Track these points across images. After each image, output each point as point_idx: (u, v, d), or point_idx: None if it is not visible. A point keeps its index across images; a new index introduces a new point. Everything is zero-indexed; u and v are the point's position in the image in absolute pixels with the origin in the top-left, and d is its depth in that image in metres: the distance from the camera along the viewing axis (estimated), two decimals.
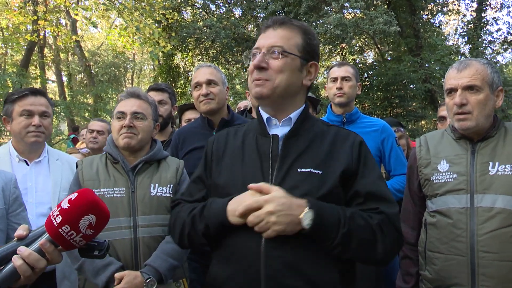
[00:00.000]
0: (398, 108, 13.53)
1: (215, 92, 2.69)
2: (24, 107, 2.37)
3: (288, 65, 1.49)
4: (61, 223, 1.15)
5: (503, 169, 1.85)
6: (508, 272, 1.78)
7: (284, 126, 1.56)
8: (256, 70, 1.50)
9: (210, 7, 15.68)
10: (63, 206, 1.17)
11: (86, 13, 11.53)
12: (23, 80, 12.43)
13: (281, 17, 1.56)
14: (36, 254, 1.16)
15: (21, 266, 1.13)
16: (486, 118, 1.91)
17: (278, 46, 1.48)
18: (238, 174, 1.50)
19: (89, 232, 1.19)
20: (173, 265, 2.05)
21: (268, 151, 1.50)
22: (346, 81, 2.94)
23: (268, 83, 1.48)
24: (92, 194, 1.21)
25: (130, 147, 2.16)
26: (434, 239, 1.96)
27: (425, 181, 2.03)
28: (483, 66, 1.93)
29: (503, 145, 1.90)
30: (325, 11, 12.70)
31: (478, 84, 1.90)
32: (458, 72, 1.95)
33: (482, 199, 1.85)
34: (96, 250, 1.25)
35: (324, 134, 1.56)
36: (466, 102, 1.90)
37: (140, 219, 2.06)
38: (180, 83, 16.64)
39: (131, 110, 2.17)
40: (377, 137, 2.89)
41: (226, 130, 1.70)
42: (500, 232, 1.79)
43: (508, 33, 14.18)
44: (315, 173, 1.44)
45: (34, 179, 2.41)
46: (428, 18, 14.42)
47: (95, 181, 2.11)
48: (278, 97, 1.51)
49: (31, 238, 1.20)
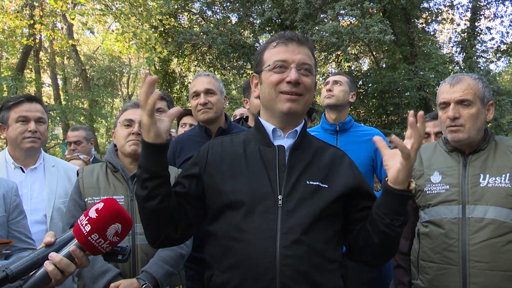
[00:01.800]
0: (392, 115, 13.63)
1: (213, 102, 2.70)
2: (20, 113, 2.38)
3: (313, 84, 1.56)
4: (90, 232, 1.24)
5: (493, 181, 1.90)
6: (499, 281, 1.81)
7: (288, 138, 1.57)
8: (289, 83, 1.49)
9: (207, 13, 15.73)
10: (91, 215, 1.26)
11: (82, 18, 11.50)
12: (19, 84, 12.36)
13: (298, 34, 1.58)
14: (66, 259, 1.26)
15: (53, 270, 1.23)
16: (478, 131, 1.97)
17: (308, 64, 1.53)
18: (244, 181, 1.50)
19: (115, 239, 1.29)
20: (169, 271, 2.06)
21: (274, 161, 1.51)
22: (337, 85, 2.98)
23: (300, 99, 1.51)
24: (117, 204, 1.29)
25: (137, 154, 2.19)
26: (426, 248, 2.00)
27: (418, 192, 2.07)
28: (475, 81, 1.99)
29: (493, 158, 1.95)
30: (321, 19, 12.81)
31: (470, 99, 1.95)
32: (451, 86, 2.00)
33: (473, 210, 1.89)
34: (119, 255, 1.35)
35: (323, 150, 1.62)
36: (458, 116, 1.96)
37: (139, 226, 2.06)
38: (176, 88, 16.62)
39: (139, 119, 2.20)
40: (370, 146, 2.90)
41: (220, 138, 1.70)
42: (491, 242, 1.84)
43: (501, 42, 14.37)
44: (323, 187, 1.49)
45: (30, 186, 2.41)
46: (422, 27, 14.56)
47: (96, 189, 2.14)
48: (303, 113, 1.58)
49: (58, 244, 1.29)
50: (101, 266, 1.99)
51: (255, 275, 1.39)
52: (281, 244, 1.39)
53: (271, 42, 1.57)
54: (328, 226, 1.47)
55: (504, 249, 1.82)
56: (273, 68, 1.51)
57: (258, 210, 1.44)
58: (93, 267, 1.98)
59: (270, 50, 1.55)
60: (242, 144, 1.60)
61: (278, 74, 1.50)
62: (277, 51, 1.53)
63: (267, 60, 1.54)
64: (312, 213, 1.43)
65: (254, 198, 1.46)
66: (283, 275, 1.37)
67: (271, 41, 1.57)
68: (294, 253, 1.38)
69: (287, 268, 1.37)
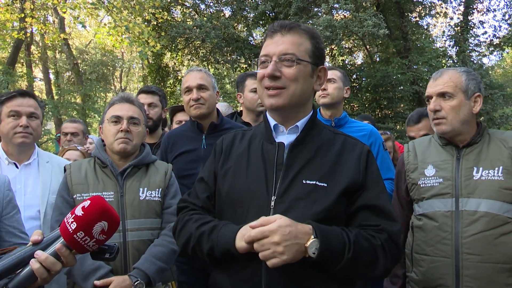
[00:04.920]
0: (386, 109, 13.66)
1: (206, 97, 2.70)
2: (11, 108, 2.36)
3: (301, 73, 1.45)
4: (76, 230, 1.23)
5: (486, 174, 1.91)
6: (491, 274, 1.84)
7: (291, 133, 1.52)
8: (268, 78, 1.44)
9: (200, 6, 15.60)
10: (77, 213, 1.25)
11: (74, 11, 11.35)
12: (10, 78, 12.21)
13: (287, 21, 1.50)
14: (52, 258, 1.25)
15: (39, 269, 1.22)
16: (462, 123, 1.99)
17: (290, 53, 1.44)
18: (242, 183, 1.48)
19: (101, 237, 1.27)
20: (161, 267, 2.05)
21: (273, 159, 1.48)
22: (331, 82, 2.98)
23: (283, 92, 1.44)
24: (104, 202, 1.28)
25: (126, 152, 2.17)
26: (420, 241, 2.02)
27: (412, 185, 2.09)
28: (458, 74, 2.03)
29: (487, 151, 1.97)
30: (315, 13, 12.78)
31: (450, 91, 1.99)
32: (433, 81, 2.06)
33: (466, 203, 1.91)
34: (107, 253, 1.34)
35: (331, 143, 1.53)
36: (439, 108, 2.01)
37: (129, 223, 2.06)
38: (170, 82, 16.51)
39: (127, 115, 2.18)
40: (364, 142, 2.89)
41: (233, 132, 1.68)
42: (483, 234, 1.86)
43: (494, 36, 14.43)
44: (320, 186, 1.41)
45: (24, 182, 2.39)
46: (416, 21, 14.57)
47: (84, 185, 2.11)
48: (293, 106, 1.48)
49: (45, 243, 1.28)
50: (92, 263, 1.97)
51: (243, 277, 1.39)
52: None
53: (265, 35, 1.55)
54: None
55: (496, 241, 1.84)
56: (260, 64, 1.49)
57: (251, 211, 1.42)
58: (84, 264, 1.96)
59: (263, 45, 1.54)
60: (248, 141, 1.58)
61: (262, 69, 1.48)
62: (265, 45, 1.51)
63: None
64: (306, 215, 1.36)
65: (248, 199, 1.44)
66: (269, 278, 1.34)
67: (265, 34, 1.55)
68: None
69: (274, 271, 1.32)
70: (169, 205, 2.21)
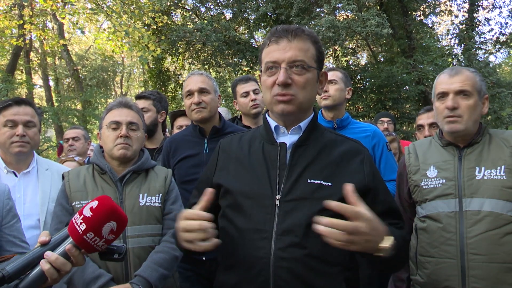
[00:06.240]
0: (391, 110, 13.43)
1: (207, 101, 2.68)
2: (7, 117, 2.34)
3: (310, 80, 1.48)
4: (85, 230, 1.25)
5: (488, 174, 1.91)
6: (497, 273, 1.82)
7: (293, 134, 1.53)
8: (279, 85, 1.44)
9: (201, 9, 15.52)
10: (85, 214, 1.26)
11: (73, 17, 11.25)
12: (9, 86, 12.12)
13: (291, 26, 1.50)
14: (62, 258, 1.26)
15: (49, 269, 1.24)
16: (474, 123, 1.99)
17: (299, 60, 1.45)
18: (246, 182, 1.49)
19: (110, 237, 1.29)
20: (163, 274, 2.03)
21: (275, 159, 1.49)
22: (332, 84, 2.94)
23: (294, 100, 1.45)
24: (111, 201, 1.29)
25: (126, 157, 2.16)
26: (424, 243, 2.01)
27: (415, 187, 2.09)
28: (472, 74, 2.03)
29: (488, 151, 1.97)
30: (317, 13, 12.63)
31: (469, 90, 1.98)
32: (450, 77, 2.03)
33: (470, 203, 1.90)
34: (115, 253, 1.35)
35: (334, 144, 1.55)
36: (457, 106, 1.98)
37: (130, 229, 2.04)
38: (171, 86, 16.44)
39: (126, 120, 2.17)
40: (367, 143, 2.88)
41: (230, 136, 1.70)
42: (488, 234, 1.84)
43: (501, 33, 14.19)
44: (325, 185, 1.43)
45: (23, 191, 2.38)
46: (420, 19, 14.38)
47: (83, 192, 2.09)
48: (300, 111, 1.50)
49: (53, 243, 1.30)
50: (93, 271, 1.95)
51: (249, 277, 1.39)
52: (275, 246, 1.37)
53: (267, 39, 1.54)
54: None
55: (501, 241, 1.83)
56: (266, 70, 1.49)
57: (256, 211, 1.44)
58: (84, 272, 1.94)
59: (265, 49, 1.52)
60: (248, 142, 1.60)
61: (270, 76, 1.48)
62: (269, 50, 1.50)
63: (263, 61, 1.53)
64: (311, 214, 1.35)
65: (252, 199, 1.45)
66: (277, 277, 1.35)
67: (267, 39, 1.54)
68: (289, 255, 1.36)
69: (281, 270, 1.35)
70: (170, 211, 2.20)
